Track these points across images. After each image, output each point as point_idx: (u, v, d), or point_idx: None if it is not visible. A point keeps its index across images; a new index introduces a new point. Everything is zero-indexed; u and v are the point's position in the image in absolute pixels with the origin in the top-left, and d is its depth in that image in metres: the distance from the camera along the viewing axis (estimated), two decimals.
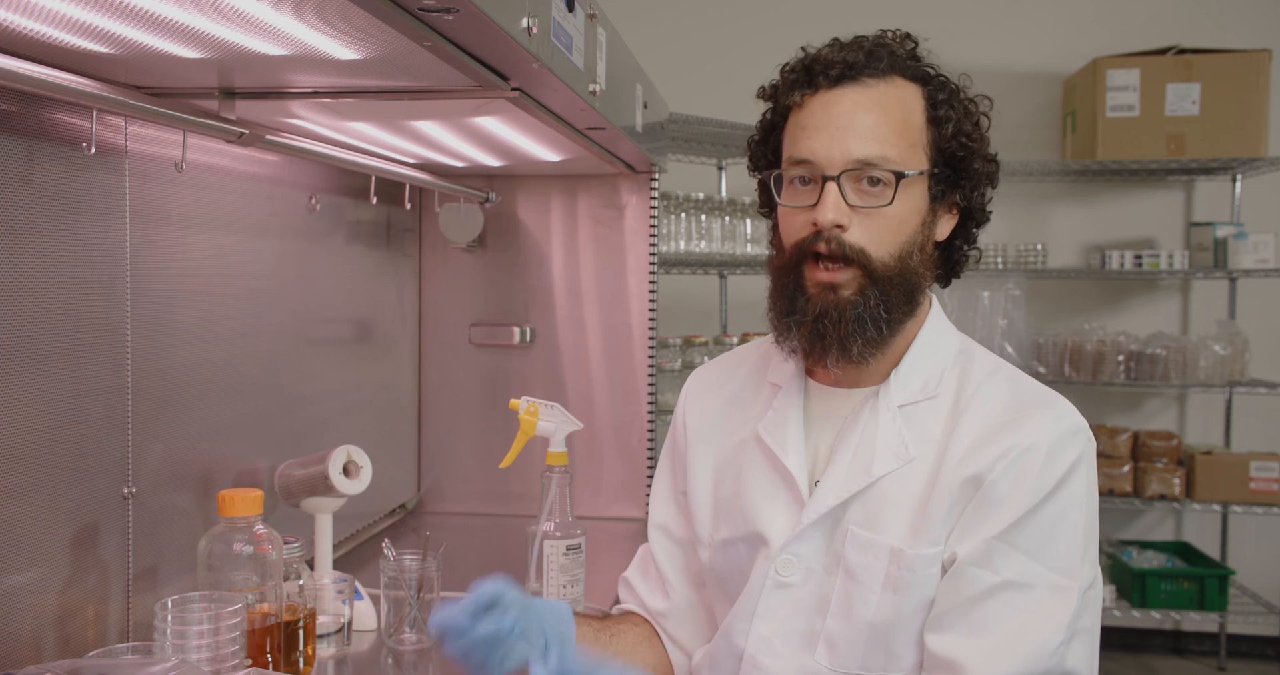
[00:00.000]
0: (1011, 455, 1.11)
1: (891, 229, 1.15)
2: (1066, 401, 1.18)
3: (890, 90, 1.16)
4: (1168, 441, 3.90)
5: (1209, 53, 3.82)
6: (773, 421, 1.25)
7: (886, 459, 1.16)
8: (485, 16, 0.99)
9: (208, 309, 1.57)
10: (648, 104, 2.02)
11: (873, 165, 1.13)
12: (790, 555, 1.19)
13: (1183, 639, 4.19)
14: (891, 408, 1.18)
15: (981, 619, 1.09)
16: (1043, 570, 1.09)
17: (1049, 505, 1.10)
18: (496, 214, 2.43)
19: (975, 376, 1.20)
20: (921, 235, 1.18)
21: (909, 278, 1.16)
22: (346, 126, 1.61)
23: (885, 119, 1.14)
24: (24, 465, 1.18)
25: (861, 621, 1.14)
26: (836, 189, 1.13)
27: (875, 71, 1.16)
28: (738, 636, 1.21)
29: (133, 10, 0.95)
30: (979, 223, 1.24)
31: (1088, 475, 1.13)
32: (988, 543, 1.09)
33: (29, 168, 1.18)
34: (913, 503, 1.14)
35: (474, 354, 2.46)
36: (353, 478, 1.61)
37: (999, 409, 1.15)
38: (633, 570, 1.43)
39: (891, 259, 1.15)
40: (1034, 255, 4.03)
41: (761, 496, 1.23)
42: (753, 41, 4.22)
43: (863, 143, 1.13)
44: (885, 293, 1.15)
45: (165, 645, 1.14)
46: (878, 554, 1.14)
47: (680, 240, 3.50)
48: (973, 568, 1.10)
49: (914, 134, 1.16)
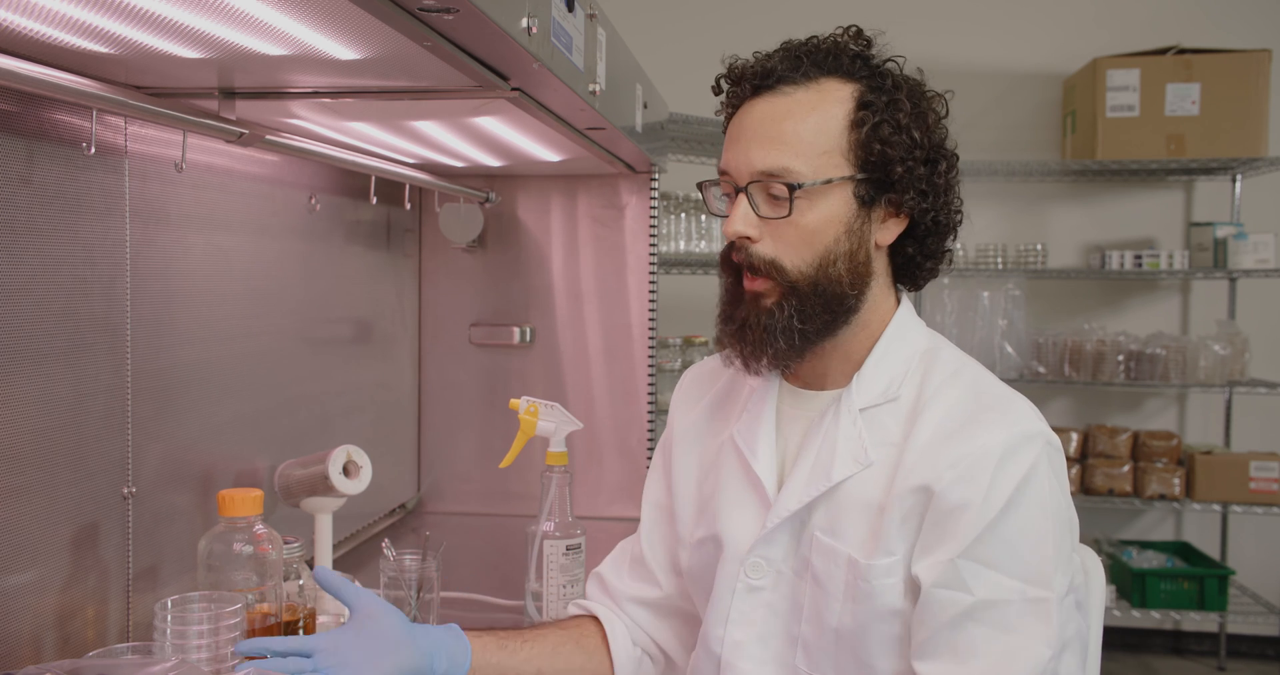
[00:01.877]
0: (962, 465, 1.07)
1: (804, 239, 1.12)
2: (1026, 404, 1.14)
3: (808, 96, 1.13)
4: (1168, 441, 3.90)
5: (1209, 53, 3.82)
6: (745, 423, 1.24)
7: (846, 463, 1.14)
8: (485, 16, 0.99)
9: (208, 309, 1.57)
10: (648, 104, 2.02)
11: (774, 176, 1.11)
12: (759, 558, 1.18)
13: (1183, 639, 4.19)
14: (853, 411, 1.16)
15: (966, 644, 1.06)
16: (1016, 584, 1.06)
17: (1010, 516, 1.06)
18: (496, 214, 2.43)
19: (935, 378, 1.16)
20: (848, 243, 1.13)
21: (830, 287, 1.13)
22: (346, 126, 1.61)
23: (795, 127, 1.11)
24: (24, 465, 1.18)
25: (829, 628, 1.13)
26: (746, 201, 1.12)
27: (792, 79, 1.13)
28: (714, 643, 1.20)
29: (133, 10, 0.95)
30: (931, 229, 1.17)
31: (1049, 479, 1.09)
32: (954, 563, 1.06)
33: (29, 168, 1.18)
34: (871, 510, 1.12)
35: (474, 354, 2.46)
36: (353, 478, 1.61)
37: (955, 412, 1.12)
38: (608, 565, 1.40)
39: (808, 268, 1.12)
40: (1034, 255, 4.03)
41: (732, 498, 1.22)
42: (753, 42, 4.19)
43: (764, 154, 1.11)
44: (802, 303, 1.12)
45: (165, 645, 1.14)
46: (838, 562, 1.13)
47: (680, 240, 3.50)
48: (944, 591, 1.07)
49: (830, 140, 1.12)
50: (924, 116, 1.15)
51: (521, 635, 1.27)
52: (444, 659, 1.15)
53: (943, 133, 1.17)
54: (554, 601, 1.59)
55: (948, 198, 1.17)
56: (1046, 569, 1.07)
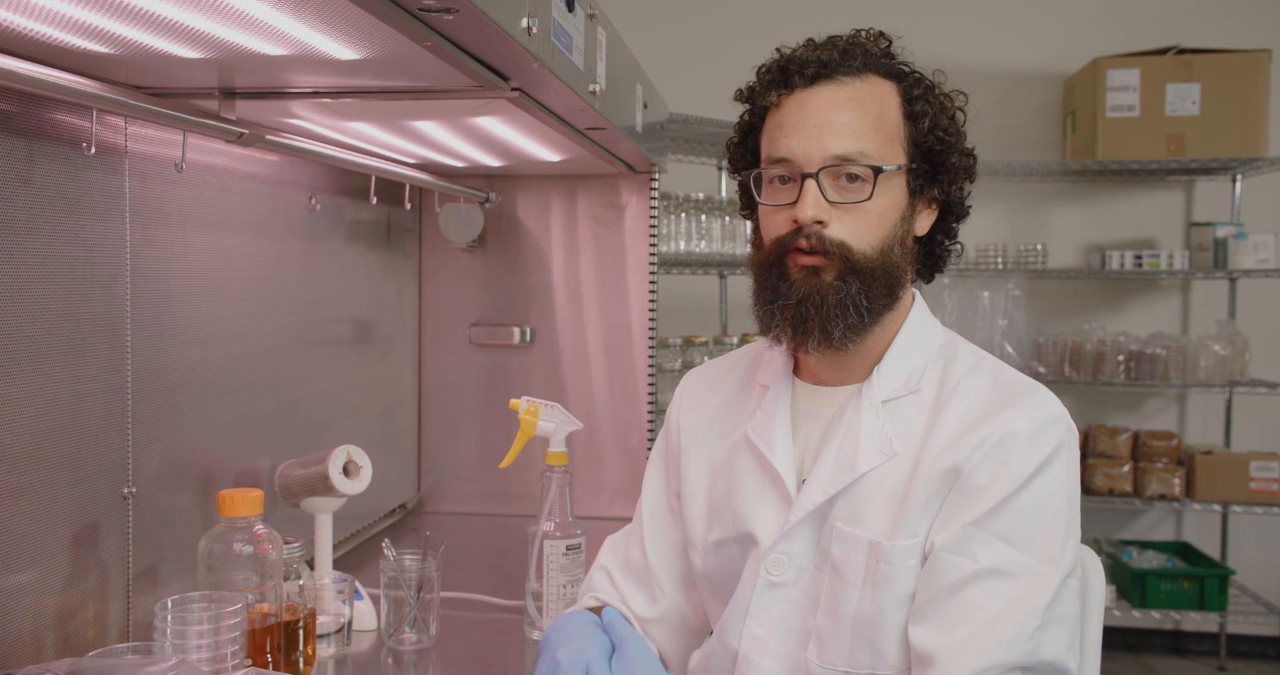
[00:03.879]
0: (989, 444, 1.10)
1: (872, 223, 1.16)
2: (1047, 391, 1.17)
3: (865, 87, 1.17)
4: (1168, 441, 3.90)
5: (1209, 53, 3.82)
6: (760, 422, 1.25)
7: (871, 454, 1.16)
8: (485, 16, 0.99)
9: (208, 309, 1.57)
10: (648, 104, 2.02)
11: (850, 161, 1.14)
12: (780, 554, 1.19)
13: (1183, 639, 4.19)
14: (875, 403, 1.18)
15: (960, 609, 1.08)
16: (1025, 558, 1.08)
17: (1028, 492, 1.09)
18: (496, 214, 2.43)
19: (957, 370, 1.20)
20: (902, 229, 1.19)
21: (890, 271, 1.17)
22: (346, 126, 1.61)
23: (861, 115, 1.15)
24: (24, 465, 1.18)
25: (845, 617, 1.14)
26: (815, 186, 1.14)
27: (850, 69, 1.17)
28: (731, 637, 1.21)
29: (133, 10, 0.95)
30: (958, 217, 1.25)
31: (1068, 463, 1.13)
32: (964, 529, 1.09)
33: (29, 168, 1.18)
34: (894, 497, 1.15)
35: (474, 354, 2.47)
36: (353, 478, 1.61)
37: (980, 402, 1.15)
38: (611, 561, 1.40)
39: (873, 252, 1.16)
40: (1034, 255, 4.03)
41: (751, 497, 1.23)
42: (753, 42, 4.20)
43: (839, 139, 1.14)
44: (866, 283, 1.15)
45: (165, 645, 1.14)
46: (859, 548, 1.14)
47: (680, 240, 3.50)
48: (950, 555, 1.09)
49: (890, 129, 1.17)
50: (953, 113, 1.22)
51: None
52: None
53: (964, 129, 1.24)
54: (554, 601, 1.59)
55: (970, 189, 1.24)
56: (1055, 548, 1.09)
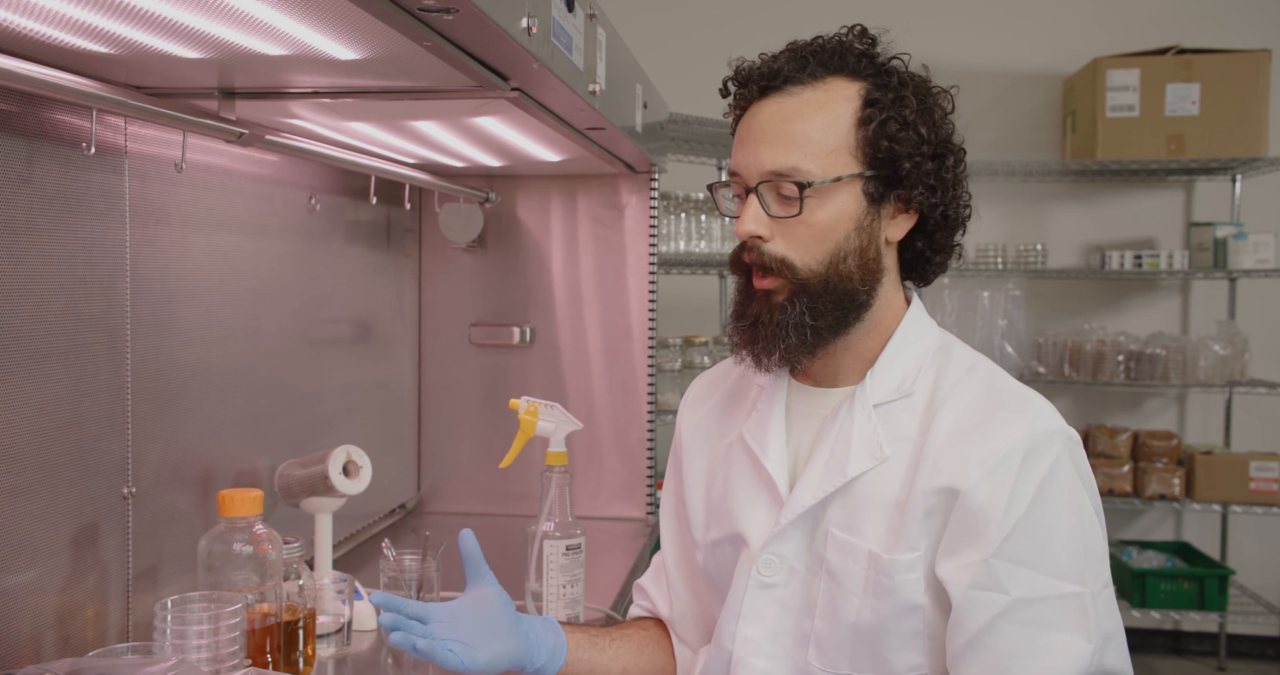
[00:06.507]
0: (987, 464, 1.08)
1: (815, 237, 1.13)
2: (1043, 400, 1.15)
3: (814, 96, 1.14)
4: (1168, 441, 3.90)
5: (1209, 53, 3.82)
6: (755, 423, 1.25)
7: (862, 458, 1.15)
8: (485, 16, 0.99)
9: (208, 309, 1.57)
10: (648, 104, 2.02)
11: (782, 176, 1.12)
12: (771, 555, 1.19)
13: (1183, 639, 4.19)
14: (867, 407, 1.17)
15: (1006, 646, 1.06)
16: (1048, 580, 1.06)
17: (1036, 513, 1.07)
18: (496, 214, 2.43)
19: (951, 374, 1.17)
20: (858, 240, 1.14)
21: (842, 284, 1.14)
22: (346, 126, 1.61)
23: (803, 127, 1.12)
24: (24, 465, 1.18)
25: (846, 624, 1.14)
26: (756, 201, 1.13)
27: (798, 79, 1.14)
28: (725, 639, 1.21)
29: (133, 10, 0.95)
30: (941, 224, 1.18)
31: (1074, 474, 1.10)
32: (987, 563, 1.06)
33: (29, 168, 1.18)
34: (890, 506, 1.13)
35: (474, 354, 2.46)
36: (353, 478, 1.61)
37: (974, 408, 1.13)
38: (647, 577, 1.44)
39: (818, 266, 1.13)
40: (1034, 255, 4.03)
41: (744, 497, 1.23)
42: (753, 41, 4.19)
43: (774, 153, 1.12)
44: (813, 300, 1.14)
45: (165, 645, 1.14)
46: (857, 558, 1.13)
47: (680, 240, 3.50)
48: (980, 592, 1.07)
49: (838, 138, 1.13)
50: (930, 112, 1.16)
51: (609, 633, 1.33)
52: (544, 652, 1.22)
53: (949, 128, 1.18)
54: (554, 601, 1.59)
55: (956, 192, 1.18)
56: (1077, 564, 1.07)
